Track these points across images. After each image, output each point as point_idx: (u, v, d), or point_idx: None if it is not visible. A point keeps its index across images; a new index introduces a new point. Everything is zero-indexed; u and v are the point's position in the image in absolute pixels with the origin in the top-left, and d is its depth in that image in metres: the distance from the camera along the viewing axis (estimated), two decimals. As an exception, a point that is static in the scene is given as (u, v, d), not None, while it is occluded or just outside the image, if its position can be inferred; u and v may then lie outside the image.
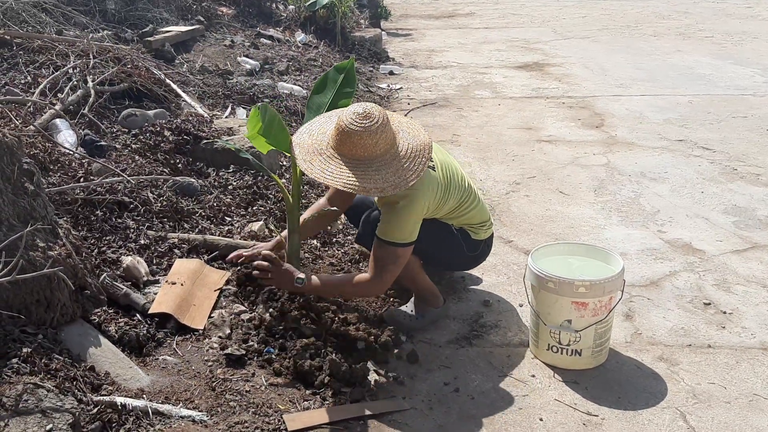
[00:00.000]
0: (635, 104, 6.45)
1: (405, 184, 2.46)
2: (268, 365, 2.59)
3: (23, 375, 2.02)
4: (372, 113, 2.46)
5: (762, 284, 3.31)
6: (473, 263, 3.12)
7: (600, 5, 13.07)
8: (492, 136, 5.60)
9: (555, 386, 2.61)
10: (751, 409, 2.47)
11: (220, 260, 3.25)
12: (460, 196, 2.84)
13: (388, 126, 2.49)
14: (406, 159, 2.49)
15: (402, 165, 2.48)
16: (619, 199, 4.31)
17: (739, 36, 9.81)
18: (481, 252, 3.03)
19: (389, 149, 2.49)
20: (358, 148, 2.45)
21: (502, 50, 9.12)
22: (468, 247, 2.95)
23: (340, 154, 2.49)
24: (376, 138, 2.45)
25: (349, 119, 2.46)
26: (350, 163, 2.47)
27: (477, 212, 2.93)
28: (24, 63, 4.69)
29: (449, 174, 2.79)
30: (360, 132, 2.43)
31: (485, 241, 3.02)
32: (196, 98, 5.22)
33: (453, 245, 2.90)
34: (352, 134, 2.44)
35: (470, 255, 2.99)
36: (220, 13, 8.24)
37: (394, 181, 2.45)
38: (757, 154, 5.08)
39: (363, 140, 2.44)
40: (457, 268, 3.25)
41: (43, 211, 2.48)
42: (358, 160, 2.47)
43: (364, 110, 2.47)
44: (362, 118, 2.45)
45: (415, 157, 2.50)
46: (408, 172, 2.47)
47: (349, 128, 2.45)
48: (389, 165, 2.47)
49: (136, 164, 3.75)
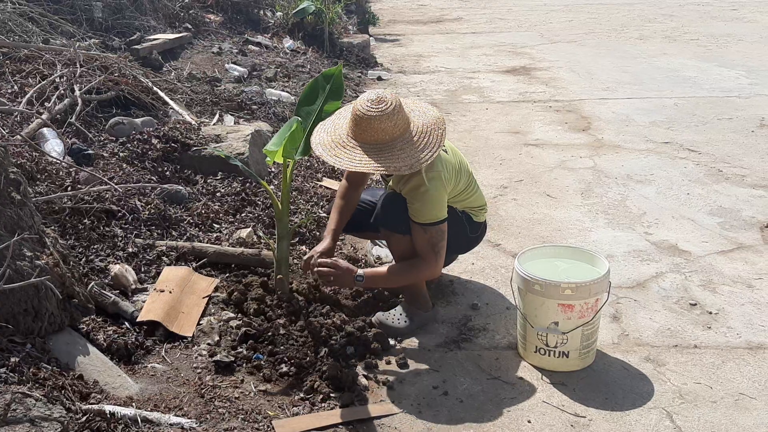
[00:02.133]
0: (621, 107, 6.49)
1: (433, 156, 2.60)
2: (257, 371, 2.59)
3: (11, 384, 2.02)
4: (385, 98, 2.60)
5: (747, 284, 3.34)
6: (472, 245, 3.24)
7: (586, 9, 13.15)
8: (479, 140, 5.63)
9: (543, 388, 2.62)
10: (737, 409, 2.49)
11: (209, 267, 3.26)
12: (467, 180, 2.98)
13: (401, 108, 2.63)
14: (425, 135, 2.64)
15: (423, 141, 2.63)
16: (606, 202, 4.34)
17: (724, 38, 9.89)
18: (479, 234, 3.18)
19: (407, 128, 2.64)
20: (378, 133, 2.58)
21: (489, 55, 9.16)
22: (470, 229, 3.08)
23: (362, 142, 2.62)
24: (394, 120, 2.58)
25: (365, 107, 2.59)
26: (374, 148, 2.60)
27: (478, 196, 3.08)
28: (10, 72, 4.68)
29: (459, 158, 2.95)
30: (378, 116, 2.56)
31: (483, 224, 3.16)
32: (184, 106, 5.22)
33: (458, 226, 2.99)
34: (371, 120, 2.57)
35: (471, 236, 3.13)
36: (207, 20, 8.24)
37: (422, 157, 2.59)
38: (742, 156, 5.12)
39: (382, 124, 2.57)
40: (457, 249, 3.25)
41: (30, 220, 2.48)
42: (381, 144, 2.60)
43: (377, 96, 2.60)
44: (377, 104, 2.58)
45: (432, 132, 2.66)
46: (431, 146, 2.62)
47: (366, 115, 2.57)
48: (411, 143, 2.61)
49: (123, 172, 3.75)
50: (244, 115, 5.40)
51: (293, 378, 2.57)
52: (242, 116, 5.38)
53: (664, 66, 8.20)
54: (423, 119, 2.70)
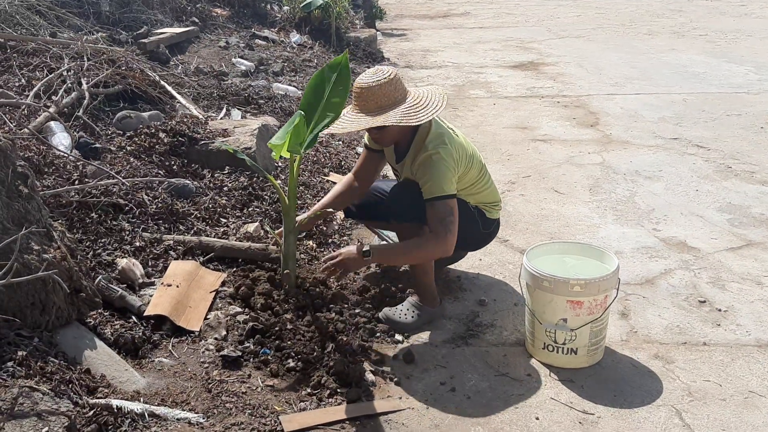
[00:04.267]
0: (630, 103, 6.46)
1: (436, 112, 2.71)
2: (264, 366, 2.59)
3: (19, 378, 2.02)
4: (382, 69, 2.76)
5: (757, 281, 3.31)
6: (485, 241, 3.23)
7: (594, 4, 13.09)
8: (487, 135, 5.61)
9: (551, 385, 2.61)
10: (746, 407, 2.47)
11: (216, 262, 3.25)
12: (479, 170, 2.99)
13: (399, 79, 2.75)
14: (426, 98, 2.77)
15: (424, 102, 2.74)
16: (614, 198, 4.32)
17: (733, 34, 9.83)
18: (493, 230, 3.18)
19: (406, 95, 2.76)
20: (379, 98, 2.70)
21: (497, 50, 9.13)
22: (483, 225, 3.08)
23: (367, 111, 2.73)
24: (393, 85, 2.71)
25: (365, 78, 2.73)
26: (378, 112, 2.71)
27: (491, 191, 3.09)
28: (18, 66, 4.68)
29: (472, 147, 2.97)
30: (377, 83, 2.69)
31: (496, 221, 3.18)
32: (191, 100, 5.21)
33: (471, 220, 2.99)
34: (370, 88, 2.69)
35: (484, 232, 3.13)
36: (214, 14, 8.23)
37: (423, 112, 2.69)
38: (752, 152, 5.09)
39: (382, 89, 2.69)
40: (470, 246, 3.25)
41: (37, 214, 2.48)
42: (383, 108, 2.70)
43: (374, 69, 2.77)
44: (374, 74, 2.73)
45: (433, 95, 2.79)
46: (433, 105, 2.73)
47: (366, 84, 2.70)
48: (411, 104, 2.73)
49: (131, 166, 3.74)
50: (251, 110, 5.40)
51: (300, 373, 2.57)
52: (249, 110, 5.37)
53: (673, 61, 8.15)
54: (424, 89, 2.83)
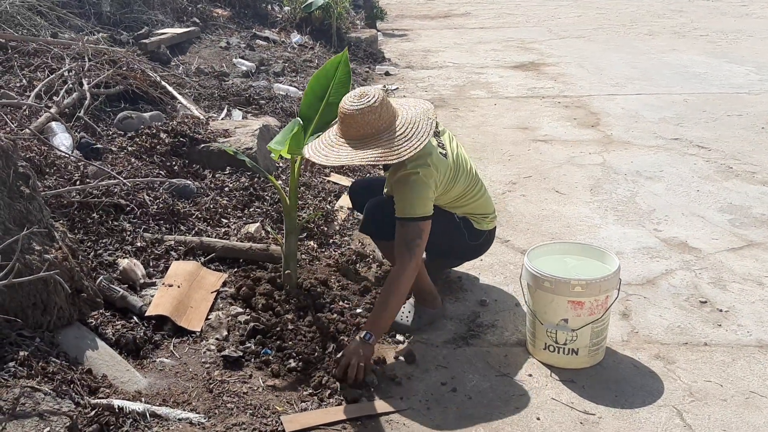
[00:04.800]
0: (631, 103, 6.46)
1: (421, 144, 2.55)
2: (265, 366, 2.59)
3: (20, 378, 2.02)
4: (367, 92, 2.58)
5: (758, 282, 3.31)
6: (475, 253, 3.15)
7: (595, 4, 13.10)
8: (488, 135, 5.61)
9: (552, 385, 2.61)
10: (747, 407, 2.47)
11: (217, 262, 3.25)
12: (467, 184, 2.89)
13: (386, 101, 2.59)
14: (412, 125, 2.60)
15: (411, 131, 2.58)
16: (615, 198, 4.32)
17: (734, 34, 9.83)
18: (483, 242, 3.06)
19: (392, 121, 2.60)
20: (363, 126, 2.55)
21: (497, 50, 9.13)
22: (470, 236, 2.98)
23: (349, 138, 2.58)
24: (378, 112, 2.55)
25: (348, 102, 2.57)
26: (359, 142, 2.56)
27: (482, 203, 2.98)
28: (19, 66, 4.68)
29: (460, 162, 2.85)
30: (361, 110, 2.53)
31: (488, 232, 3.06)
32: (192, 100, 5.21)
33: (455, 232, 2.93)
34: (354, 115, 2.54)
35: (472, 244, 3.02)
36: (215, 14, 8.24)
37: (409, 145, 2.54)
38: (752, 152, 5.09)
39: (366, 117, 2.53)
40: (459, 257, 3.23)
41: (39, 214, 2.48)
42: (366, 137, 2.56)
43: (360, 92, 2.60)
44: (359, 98, 2.56)
45: (420, 122, 2.61)
46: (419, 135, 2.57)
47: (350, 110, 2.55)
48: (396, 133, 2.57)
49: (132, 167, 3.75)
50: (252, 110, 5.40)
51: (301, 373, 2.57)
52: (250, 111, 5.37)
53: (674, 62, 8.16)
54: (411, 112, 2.66)
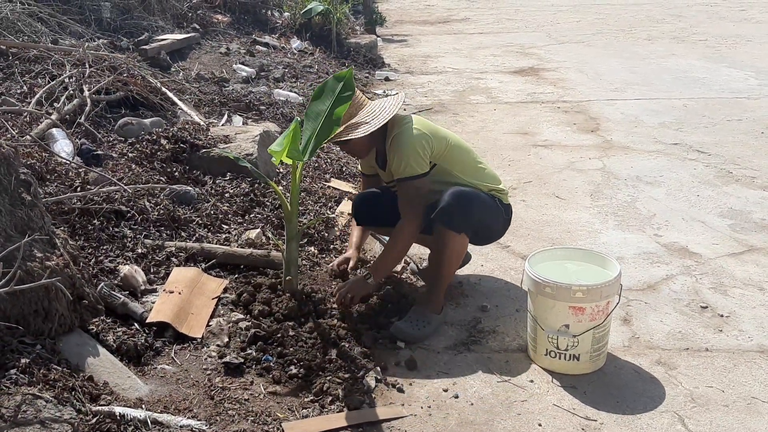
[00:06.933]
0: (630, 108, 6.47)
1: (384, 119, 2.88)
2: (266, 373, 2.59)
3: (22, 386, 2.02)
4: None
5: (759, 287, 3.32)
6: (505, 227, 3.22)
7: (594, 10, 13.12)
8: (488, 141, 5.62)
9: (553, 391, 2.61)
10: (749, 413, 2.47)
11: (218, 268, 3.25)
12: (461, 147, 3.06)
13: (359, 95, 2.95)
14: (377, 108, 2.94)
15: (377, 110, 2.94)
16: (615, 204, 4.32)
17: (733, 39, 9.85)
18: (509, 216, 3.19)
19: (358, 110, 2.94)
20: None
21: (497, 55, 9.15)
22: (504, 210, 3.12)
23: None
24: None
25: None
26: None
27: (492, 173, 3.14)
28: (20, 73, 4.69)
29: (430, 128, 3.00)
30: None
31: (510, 207, 3.19)
32: (192, 106, 5.22)
33: (494, 206, 3.04)
34: None
35: (506, 218, 3.15)
36: (215, 20, 8.25)
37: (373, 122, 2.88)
38: (752, 157, 5.10)
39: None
40: (495, 233, 3.24)
41: (40, 221, 2.48)
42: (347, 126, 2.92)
43: None
44: None
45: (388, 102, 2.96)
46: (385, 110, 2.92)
47: None
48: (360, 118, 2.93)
49: (132, 173, 3.75)
50: (252, 116, 5.40)
51: (302, 380, 2.57)
52: (250, 117, 5.38)
53: (673, 67, 8.17)
54: (380, 102, 2.97)
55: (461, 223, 2.87)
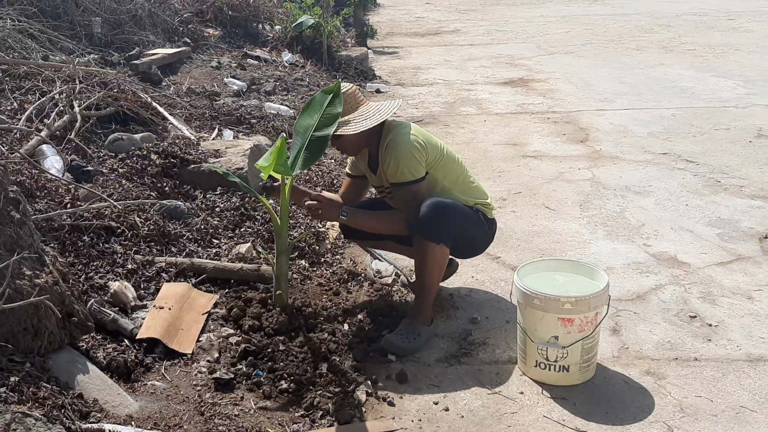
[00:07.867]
0: (619, 118, 6.51)
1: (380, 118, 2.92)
2: (257, 388, 2.59)
3: (11, 404, 2.02)
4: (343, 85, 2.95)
5: (747, 296, 3.34)
6: (489, 241, 3.24)
7: (583, 20, 13.21)
8: (478, 152, 5.64)
9: (543, 403, 2.62)
10: (737, 422, 2.49)
11: (208, 283, 3.26)
12: (454, 160, 3.09)
13: (352, 94, 2.97)
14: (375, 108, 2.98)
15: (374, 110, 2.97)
16: (605, 214, 4.35)
17: (721, 48, 9.92)
18: (494, 230, 3.22)
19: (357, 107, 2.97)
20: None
21: (487, 67, 9.20)
22: (488, 224, 3.14)
23: None
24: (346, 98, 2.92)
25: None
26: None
27: (480, 187, 3.18)
28: (10, 89, 4.69)
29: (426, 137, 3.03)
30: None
31: (494, 221, 3.22)
32: (183, 121, 5.24)
33: (474, 218, 3.05)
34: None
35: (489, 232, 3.18)
36: (206, 34, 8.28)
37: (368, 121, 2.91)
38: (740, 166, 5.14)
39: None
40: (478, 245, 3.25)
41: (29, 239, 2.48)
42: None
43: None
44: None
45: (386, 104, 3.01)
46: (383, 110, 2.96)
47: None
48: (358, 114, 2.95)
49: (123, 188, 3.76)
50: (243, 130, 5.42)
51: (293, 394, 2.57)
52: (241, 130, 5.39)
53: (662, 76, 8.23)
54: (377, 104, 2.99)
55: (439, 233, 2.87)
